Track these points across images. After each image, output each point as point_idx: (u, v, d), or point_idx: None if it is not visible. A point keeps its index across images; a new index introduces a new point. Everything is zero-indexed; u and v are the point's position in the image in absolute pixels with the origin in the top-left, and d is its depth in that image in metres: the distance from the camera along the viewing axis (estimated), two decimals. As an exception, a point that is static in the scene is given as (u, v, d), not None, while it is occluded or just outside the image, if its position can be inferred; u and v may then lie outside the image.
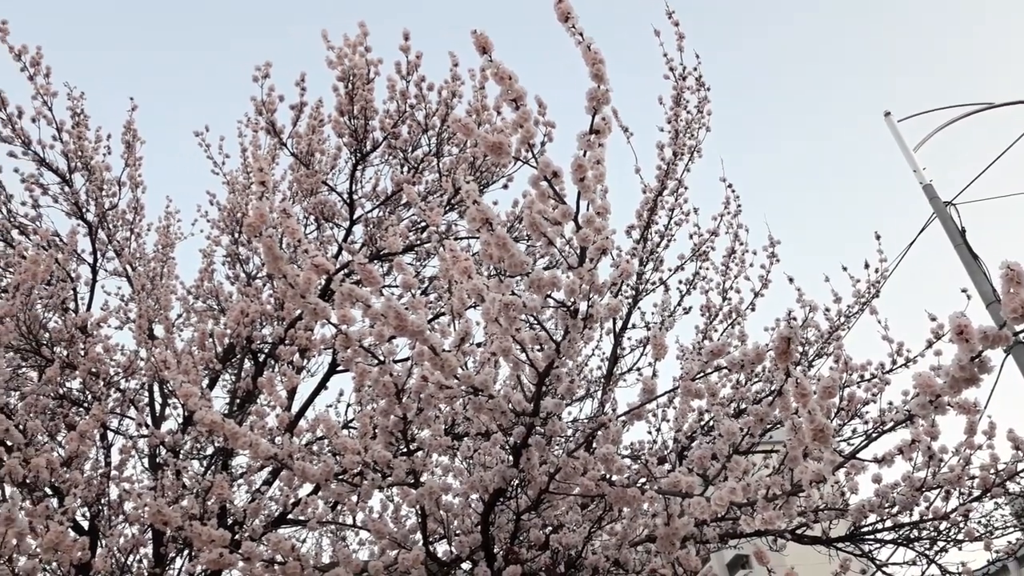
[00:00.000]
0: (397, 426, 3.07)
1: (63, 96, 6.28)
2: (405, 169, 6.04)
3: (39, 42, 6.05)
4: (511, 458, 3.28)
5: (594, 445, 3.36)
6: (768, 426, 3.34)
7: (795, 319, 5.62)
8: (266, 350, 6.20)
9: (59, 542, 2.96)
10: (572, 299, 2.53)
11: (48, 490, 4.49)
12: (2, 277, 6.13)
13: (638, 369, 5.86)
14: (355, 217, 5.92)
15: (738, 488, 2.73)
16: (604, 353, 5.75)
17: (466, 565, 3.63)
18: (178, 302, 7.01)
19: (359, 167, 5.69)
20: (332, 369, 6.36)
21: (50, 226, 6.36)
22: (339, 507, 4.99)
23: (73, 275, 6.03)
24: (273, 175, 5.81)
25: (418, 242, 5.93)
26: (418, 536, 3.63)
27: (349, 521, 5.46)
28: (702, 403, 4.82)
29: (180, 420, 6.25)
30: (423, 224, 5.81)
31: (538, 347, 2.91)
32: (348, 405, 6.75)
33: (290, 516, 5.54)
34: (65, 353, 5.21)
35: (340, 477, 3.13)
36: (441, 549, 3.73)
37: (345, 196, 5.87)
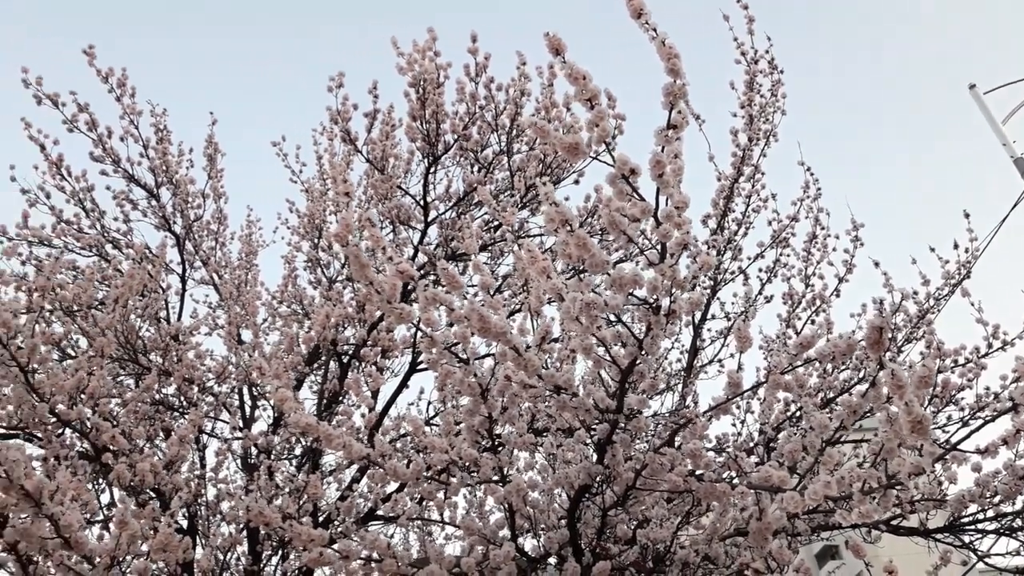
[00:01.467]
0: (483, 425, 3.12)
1: (147, 113, 6.59)
2: (476, 169, 6.09)
3: (116, 56, 6.32)
4: (595, 455, 3.29)
5: (679, 440, 3.33)
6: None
7: (886, 307, 5.45)
8: (349, 352, 6.36)
9: (168, 543, 3.10)
10: (655, 296, 2.51)
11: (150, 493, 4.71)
12: (97, 290, 6.45)
13: (719, 361, 5.78)
14: (429, 219, 6.01)
15: (833, 482, 2.67)
16: (683, 345, 5.70)
17: (548, 560, 3.66)
18: (263, 307, 7.25)
19: (432, 170, 5.77)
20: (412, 368, 6.48)
21: (141, 239, 6.66)
22: (424, 503, 5.09)
23: (164, 286, 6.31)
24: (351, 183, 5.92)
25: (491, 241, 5.98)
26: (505, 532, 3.68)
27: (435, 517, 5.57)
28: (788, 394, 4.73)
29: (269, 422, 6.48)
30: (496, 223, 5.86)
31: (620, 344, 2.91)
32: (429, 403, 6.88)
33: (378, 512, 5.68)
34: (161, 361, 5.45)
35: (427, 475, 3.19)
36: (527, 544, 3.77)
37: (419, 199, 5.96)
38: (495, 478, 3.27)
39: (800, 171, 6.16)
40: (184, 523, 5.30)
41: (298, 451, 6.56)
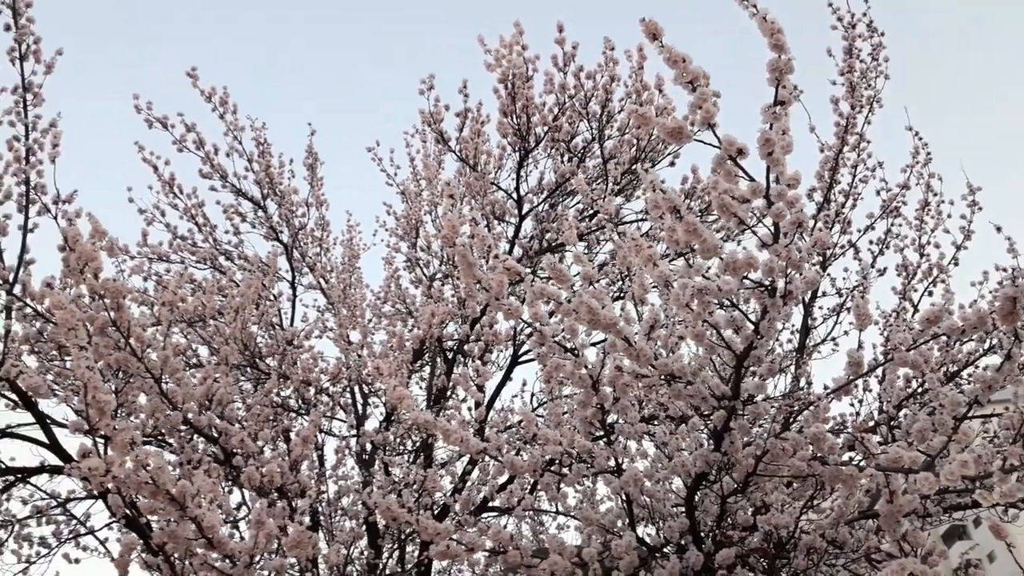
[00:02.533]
0: (595, 416, 3.12)
1: (247, 128, 6.87)
2: (567, 159, 6.08)
3: (213, 74, 6.61)
4: (711, 442, 3.24)
5: (799, 423, 3.24)
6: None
7: (1019, 277, 5.13)
8: (453, 348, 6.48)
9: (300, 540, 3.24)
10: (771, 278, 2.45)
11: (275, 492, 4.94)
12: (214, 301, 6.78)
13: (833, 339, 5.58)
14: (523, 213, 6.04)
15: (970, 461, 2.55)
16: (794, 325, 5.53)
17: (665, 549, 3.63)
18: (368, 309, 7.46)
19: (523, 163, 5.80)
20: (514, 361, 6.54)
21: (252, 250, 6.97)
22: (534, 493, 5.14)
23: (276, 294, 6.58)
24: (455, 186, 6.00)
25: (588, 231, 5.96)
26: (621, 522, 3.67)
27: (544, 507, 5.62)
28: (908, 370, 4.52)
29: (380, 418, 6.68)
30: (591, 212, 5.83)
31: (733, 329, 2.85)
32: (532, 395, 6.94)
33: (491, 504, 5.78)
34: (278, 365, 5.69)
35: (545, 467, 3.22)
36: (640, 532, 3.75)
37: (512, 193, 6.00)
38: (610, 468, 3.28)
39: (908, 136, 5.87)
40: (306, 520, 5.54)
41: (408, 446, 6.74)
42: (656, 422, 4.14)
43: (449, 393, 6.01)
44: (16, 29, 4.90)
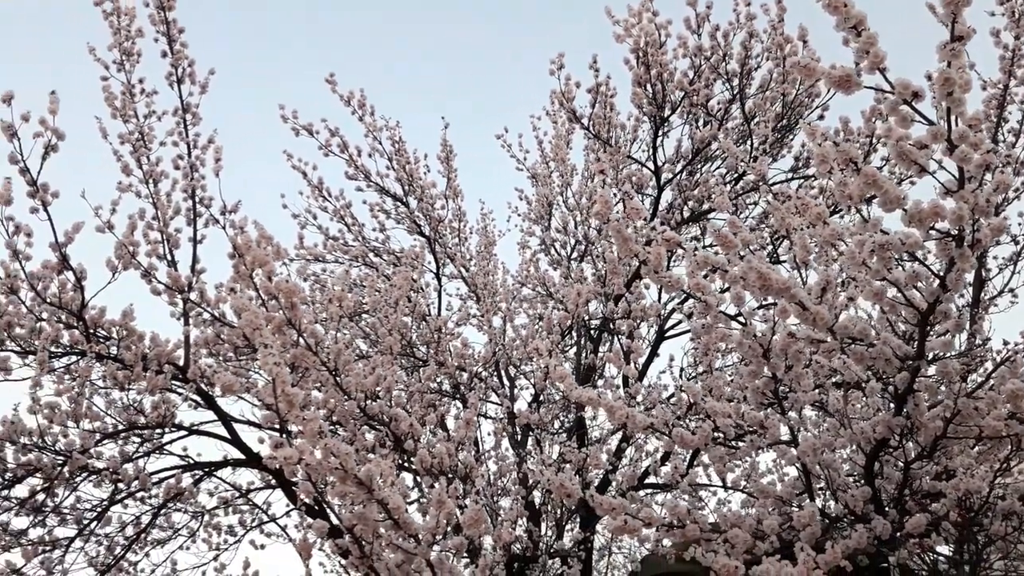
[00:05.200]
0: (767, 386, 3.03)
1: (383, 128, 7.10)
2: (703, 124, 5.91)
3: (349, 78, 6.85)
4: (892, 406, 3.08)
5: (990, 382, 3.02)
6: None
7: None
8: (597, 326, 6.48)
9: (478, 518, 3.34)
10: (959, 226, 2.29)
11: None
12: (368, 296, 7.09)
13: (1011, 290, 5.15)
14: (662, 183, 5.93)
15: None
16: (967, 279, 5.14)
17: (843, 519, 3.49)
18: (508, 293, 7.57)
19: (660, 133, 5.69)
20: (660, 336, 6.45)
21: (398, 245, 7.23)
22: (692, 469, 5.06)
23: (423, 285, 6.80)
24: (604, 163, 5.96)
25: (733, 195, 5.78)
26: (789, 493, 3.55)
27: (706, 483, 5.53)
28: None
29: (529, 399, 6.78)
30: (736, 175, 5.66)
31: (913, 285, 2.69)
32: (681, 370, 6.83)
33: (648, 480, 5.75)
34: (433, 353, 5.88)
35: (716, 440, 3.17)
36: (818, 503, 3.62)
37: (649, 165, 5.90)
38: (786, 439, 3.18)
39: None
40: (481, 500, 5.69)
41: (556, 425, 6.81)
42: (822, 390, 3.97)
43: (598, 371, 6.01)
44: (172, 55, 5.29)
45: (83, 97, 5.54)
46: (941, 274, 2.51)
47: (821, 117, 5.41)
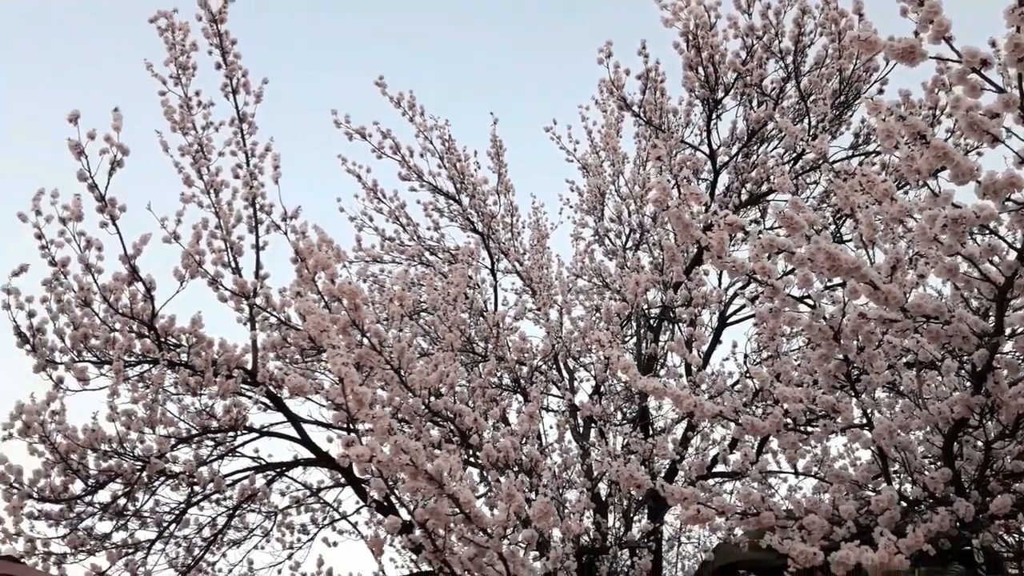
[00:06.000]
0: (839, 369, 2.97)
1: (433, 128, 7.15)
2: (757, 105, 5.80)
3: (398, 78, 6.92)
4: (970, 384, 2.98)
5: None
6: None
7: None
8: (656, 315, 6.42)
9: (547, 512, 3.36)
10: (1038, 196, 2.20)
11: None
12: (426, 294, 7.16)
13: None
14: (718, 167, 5.84)
15: None
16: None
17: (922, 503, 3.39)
18: (563, 285, 7.55)
19: (713, 115, 5.60)
20: (722, 323, 6.37)
21: (452, 243, 7.29)
22: (761, 456, 4.98)
23: (479, 281, 6.83)
24: (662, 148, 5.89)
25: (792, 175, 5.66)
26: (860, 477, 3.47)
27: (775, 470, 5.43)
28: None
29: (589, 391, 6.76)
30: (794, 155, 5.54)
31: (988, 260, 2.60)
32: (744, 356, 6.73)
33: (715, 469, 5.68)
34: (492, 348, 5.91)
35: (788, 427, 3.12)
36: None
37: (704, 148, 5.82)
38: (860, 423, 3.11)
39: None
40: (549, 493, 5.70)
41: (619, 416, 6.77)
42: (895, 371, 3.86)
43: (659, 360, 5.96)
44: (226, 66, 5.41)
45: (143, 111, 5.70)
46: (1019, 246, 2.42)
47: (881, 91, 5.26)
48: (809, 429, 3.61)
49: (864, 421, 3.18)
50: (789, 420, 3.23)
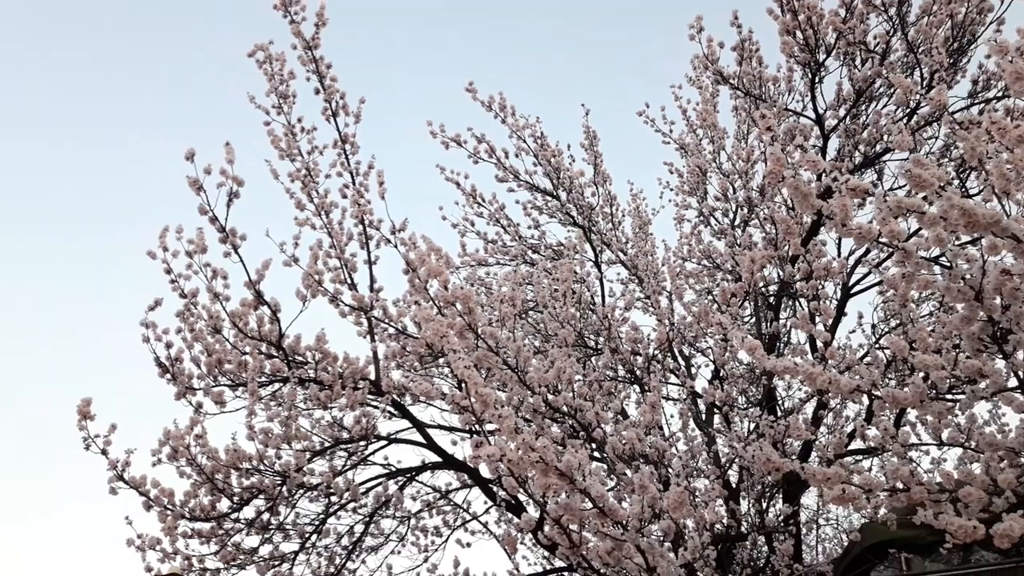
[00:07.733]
0: (984, 330, 2.78)
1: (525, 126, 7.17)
2: (860, 62, 5.51)
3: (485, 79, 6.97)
4: None
5: None
6: None
7: None
8: (774, 292, 6.21)
9: (681, 502, 3.30)
10: None
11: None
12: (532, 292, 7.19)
13: None
14: (827, 131, 5.59)
15: None
16: None
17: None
18: (670, 270, 7.42)
19: (816, 79, 5.37)
20: (846, 294, 6.09)
21: (554, 239, 7.29)
22: (900, 429, 4.72)
23: (585, 274, 6.80)
24: (770, 118, 5.69)
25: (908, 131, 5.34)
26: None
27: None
28: None
29: (708, 376, 6.60)
30: (908, 111, 5.23)
31: None
32: (872, 326, 6.42)
33: (850, 447, 5.44)
34: (604, 340, 5.87)
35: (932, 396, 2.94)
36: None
37: (809, 114, 5.58)
38: (1010, 386, 2.90)
39: None
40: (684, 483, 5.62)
41: (743, 400, 6.58)
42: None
43: (782, 338, 5.76)
44: (324, 91, 5.59)
45: (251, 141, 5.96)
46: None
47: (998, 31, 4.89)
48: (952, 397, 3.41)
49: (1015, 384, 2.97)
50: (933, 389, 3.05)
